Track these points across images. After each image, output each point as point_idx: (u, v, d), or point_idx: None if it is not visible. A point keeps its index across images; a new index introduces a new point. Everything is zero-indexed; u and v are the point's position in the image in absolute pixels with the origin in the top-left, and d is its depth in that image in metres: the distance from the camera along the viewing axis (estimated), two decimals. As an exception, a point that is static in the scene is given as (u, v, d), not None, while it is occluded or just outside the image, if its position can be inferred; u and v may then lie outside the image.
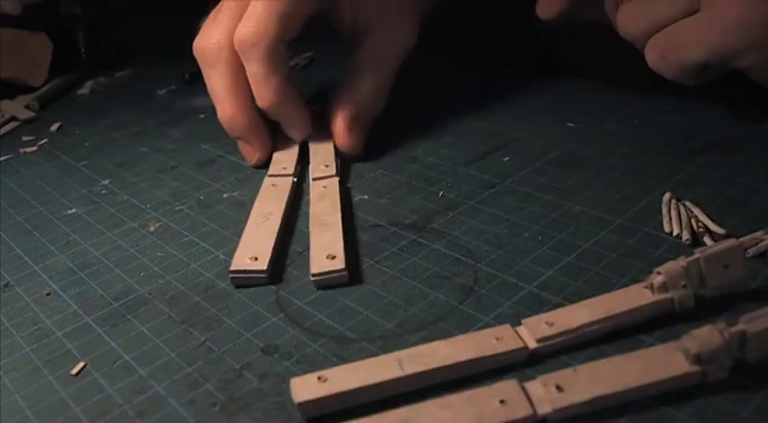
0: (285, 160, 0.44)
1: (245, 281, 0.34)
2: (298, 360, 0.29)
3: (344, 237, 0.35)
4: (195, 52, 0.45)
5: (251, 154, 0.45)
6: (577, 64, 0.56)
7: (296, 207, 0.40)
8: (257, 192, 0.41)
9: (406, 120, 0.50)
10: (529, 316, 0.28)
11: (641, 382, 0.24)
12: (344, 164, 0.45)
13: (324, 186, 0.40)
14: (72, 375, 0.29)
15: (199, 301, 0.33)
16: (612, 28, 0.43)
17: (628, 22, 0.41)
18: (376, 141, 0.48)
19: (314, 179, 0.41)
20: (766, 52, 0.36)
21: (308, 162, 0.44)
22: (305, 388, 0.26)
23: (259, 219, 0.38)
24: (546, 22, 0.48)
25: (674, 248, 0.32)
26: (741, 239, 0.30)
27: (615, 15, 0.42)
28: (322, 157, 0.43)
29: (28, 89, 0.65)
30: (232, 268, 0.34)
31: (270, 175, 0.42)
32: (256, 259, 0.34)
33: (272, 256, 0.35)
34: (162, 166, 0.48)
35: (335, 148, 0.45)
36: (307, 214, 0.39)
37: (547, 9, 0.48)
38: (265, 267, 0.34)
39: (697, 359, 0.24)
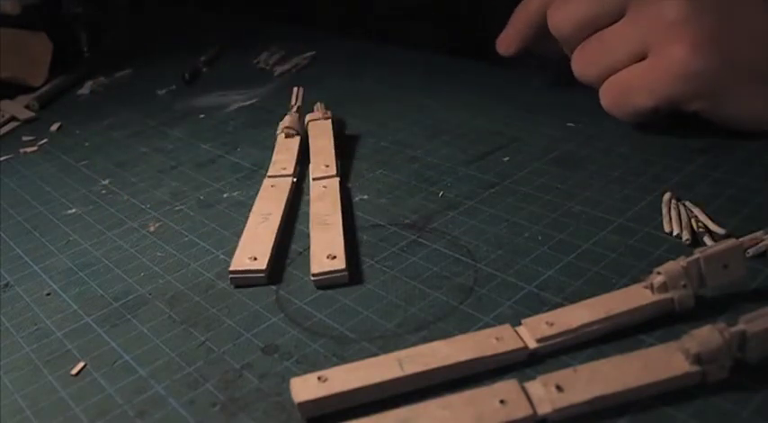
0: (284, 161, 0.44)
1: (244, 281, 0.34)
2: (298, 360, 0.29)
3: (344, 237, 0.35)
4: None
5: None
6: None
7: (295, 207, 0.40)
8: (257, 192, 0.41)
9: (405, 120, 0.51)
10: (529, 316, 0.28)
11: (641, 382, 0.24)
12: (344, 164, 0.45)
13: (324, 186, 0.40)
14: (72, 375, 0.29)
15: (199, 301, 0.33)
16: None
17: (582, 67, 0.43)
18: (376, 141, 0.48)
19: (314, 179, 0.41)
20: (712, 100, 0.38)
21: (307, 162, 0.44)
22: (305, 388, 0.26)
23: (258, 219, 0.38)
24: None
25: (674, 248, 0.32)
26: (741, 239, 0.30)
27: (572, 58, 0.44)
28: (322, 158, 0.43)
29: (28, 89, 0.65)
30: (231, 268, 0.34)
31: (269, 176, 0.42)
32: (255, 259, 0.34)
33: (271, 256, 0.35)
34: (162, 166, 0.48)
35: (336, 148, 0.45)
36: (306, 214, 0.39)
37: (506, 46, 0.49)
38: (264, 267, 0.34)
39: (697, 359, 0.24)
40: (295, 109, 0.49)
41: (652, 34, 0.38)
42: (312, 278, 0.33)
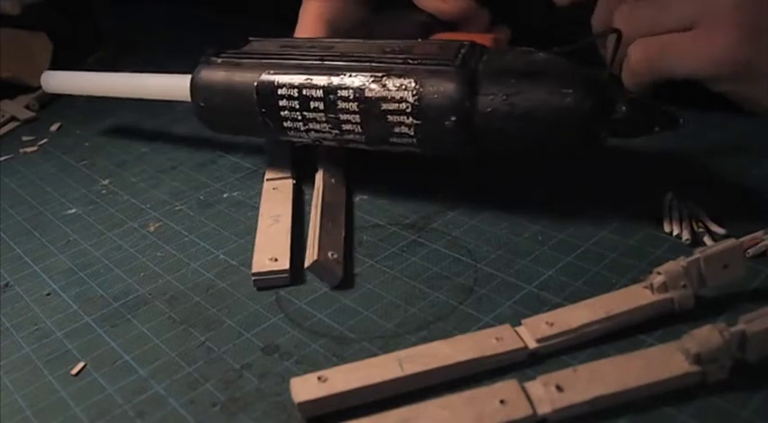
0: (281, 163, 0.44)
1: (267, 282, 0.33)
2: (298, 360, 0.29)
3: (341, 237, 0.35)
4: None
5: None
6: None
7: (299, 208, 0.40)
8: (257, 192, 0.41)
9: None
10: (529, 316, 0.28)
11: (641, 382, 0.24)
12: (352, 163, 0.44)
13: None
14: (72, 375, 0.29)
15: (199, 301, 0.33)
16: None
17: (625, 19, 0.42)
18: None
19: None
20: (740, 86, 0.39)
21: (304, 163, 0.44)
22: (305, 388, 0.26)
23: (268, 221, 0.38)
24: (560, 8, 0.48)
25: (674, 248, 0.32)
26: (741, 239, 0.30)
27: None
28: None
29: (28, 89, 0.65)
30: (254, 270, 0.33)
31: (268, 179, 0.42)
32: (276, 260, 0.34)
33: (291, 257, 0.34)
34: (162, 166, 0.48)
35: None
36: (307, 214, 0.39)
37: None
38: (287, 267, 0.33)
39: (697, 359, 0.24)
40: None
41: (704, 11, 0.39)
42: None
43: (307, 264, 0.33)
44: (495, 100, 0.32)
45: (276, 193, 0.41)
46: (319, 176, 0.40)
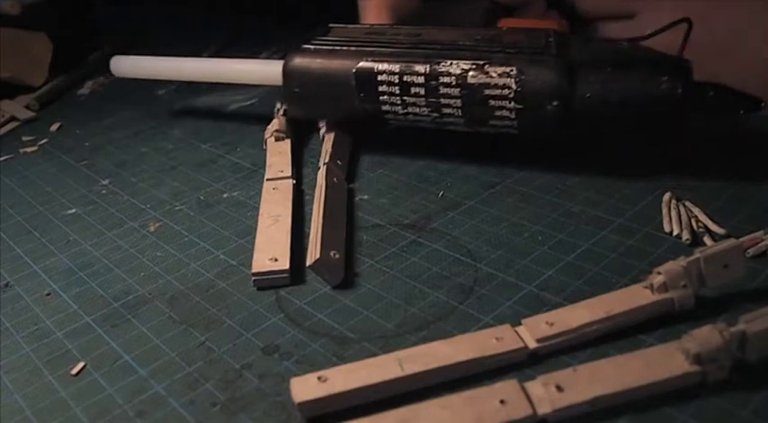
0: (280, 163, 0.44)
1: (267, 282, 0.33)
2: (298, 360, 0.29)
3: (343, 236, 0.35)
4: None
5: None
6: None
7: (299, 209, 0.40)
8: (257, 192, 0.41)
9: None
10: (529, 316, 0.28)
11: (641, 382, 0.24)
12: (352, 163, 0.44)
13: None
14: (72, 375, 0.29)
15: (199, 301, 0.33)
16: None
17: None
18: (376, 141, 0.48)
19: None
20: None
21: (301, 164, 0.44)
22: (305, 388, 0.26)
23: (268, 221, 0.37)
24: None
25: (674, 248, 0.32)
26: (741, 239, 0.30)
27: None
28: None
29: (28, 89, 0.65)
30: (254, 270, 0.33)
31: (268, 179, 0.42)
32: (276, 260, 0.34)
33: (291, 256, 0.34)
34: (162, 166, 0.48)
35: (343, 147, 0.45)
36: (309, 214, 0.39)
37: None
38: (287, 267, 0.33)
39: (697, 359, 0.24)
40: (282, 112, 0.49)
41: None
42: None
43: (308, 262, 0.33)
44: (594, 87, 0.35)
45: (276, 193, 0.41)
46: (322, 175, 0.40)
